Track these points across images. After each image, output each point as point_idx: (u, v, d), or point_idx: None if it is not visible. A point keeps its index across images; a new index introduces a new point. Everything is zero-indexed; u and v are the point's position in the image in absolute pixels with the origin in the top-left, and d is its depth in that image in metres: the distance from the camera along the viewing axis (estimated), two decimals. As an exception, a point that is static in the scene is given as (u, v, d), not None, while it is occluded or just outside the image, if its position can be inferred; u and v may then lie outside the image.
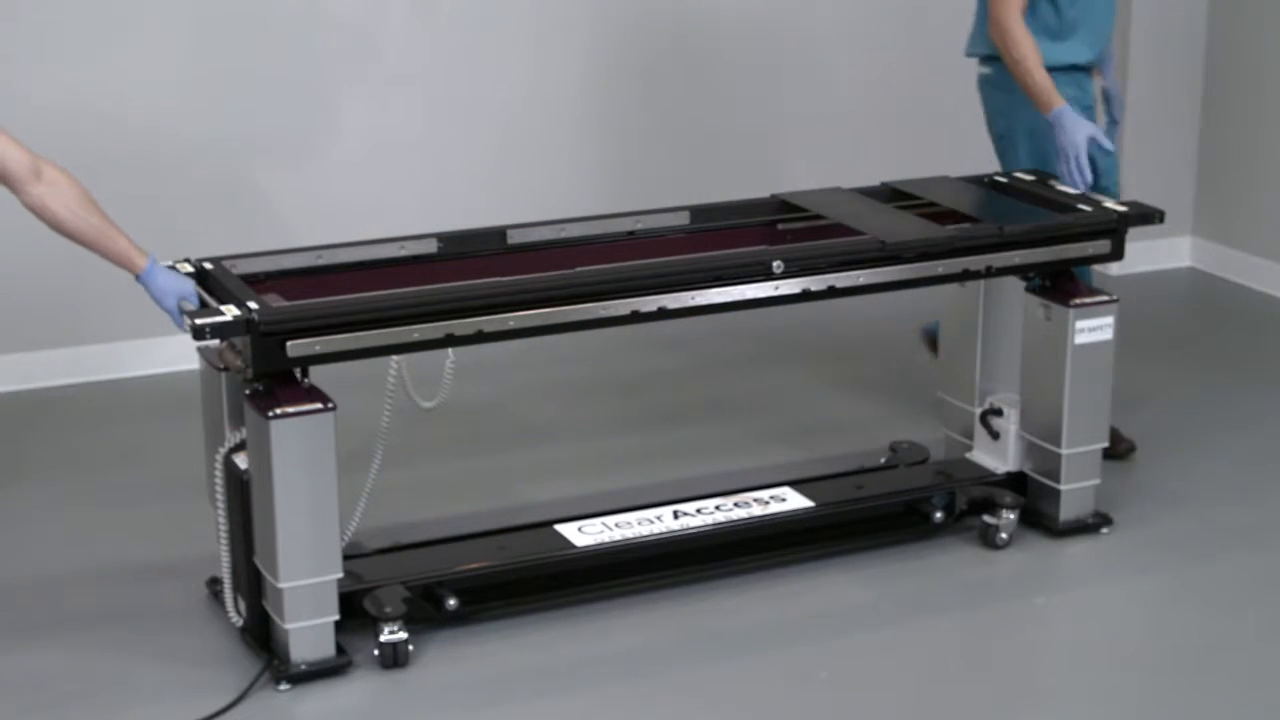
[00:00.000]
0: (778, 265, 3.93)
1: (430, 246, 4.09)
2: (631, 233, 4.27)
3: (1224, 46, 6.34)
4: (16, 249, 4.97)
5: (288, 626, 3.65)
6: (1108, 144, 4.49)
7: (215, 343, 3.61)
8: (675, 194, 4.92)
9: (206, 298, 3.66)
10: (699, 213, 4.37)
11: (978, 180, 4.58)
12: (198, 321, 3.51)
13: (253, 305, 3.55)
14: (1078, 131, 4.41)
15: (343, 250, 4.04)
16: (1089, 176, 4.45)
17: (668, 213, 4.35)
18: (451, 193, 5.69)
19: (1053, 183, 4.47)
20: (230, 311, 3.53)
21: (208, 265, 3.84)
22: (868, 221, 4.19)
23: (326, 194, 5.58)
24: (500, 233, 4.17)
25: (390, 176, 5.67)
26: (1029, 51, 4.44)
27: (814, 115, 6.15)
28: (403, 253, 4.06)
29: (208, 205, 5.45)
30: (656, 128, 6.00)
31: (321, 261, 4.01)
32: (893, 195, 4.49)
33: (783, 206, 4.44)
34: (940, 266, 4.11)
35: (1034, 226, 4.18)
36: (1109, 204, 4.30)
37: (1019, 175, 4.55)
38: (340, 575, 3.68)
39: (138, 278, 3.66)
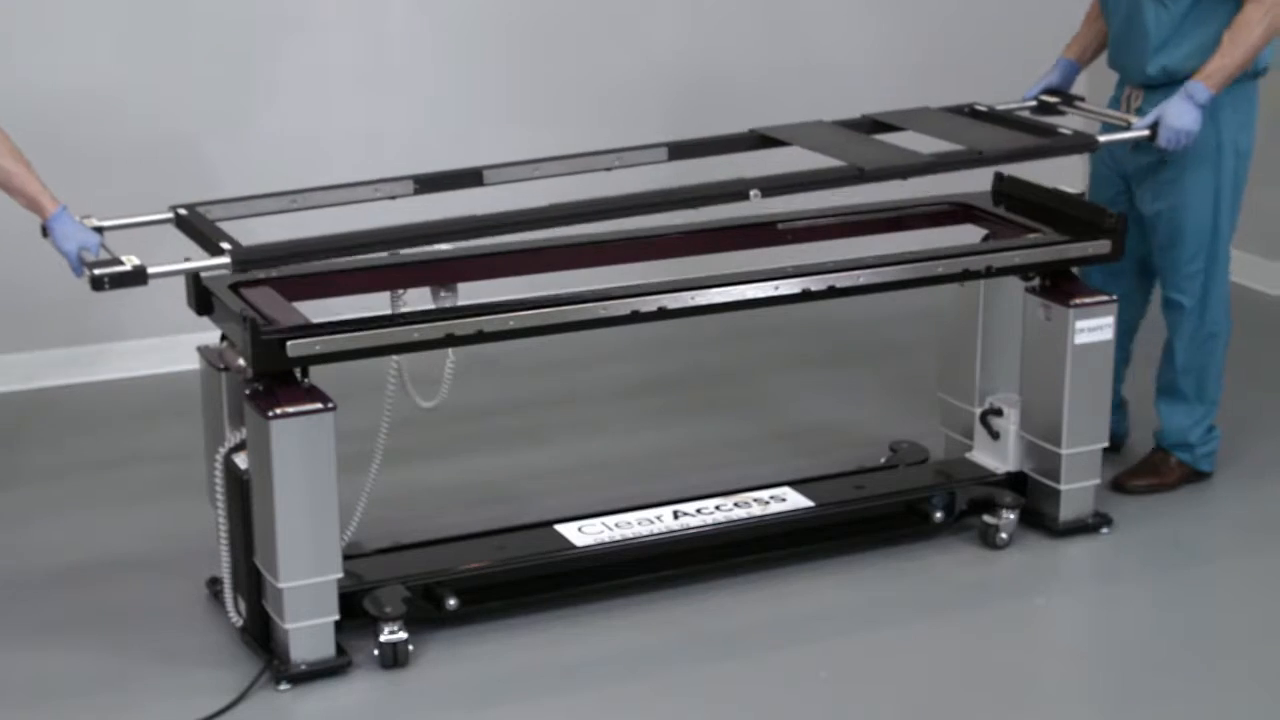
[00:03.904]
0: (755, 193, 3.89)
1: (407, 188, 4.09)
2: (609, 169, 4.26)
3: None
4: (17, 249, 4.97)
5: (288, 626, 3.64)
6: None
7: (216, 342, 3.61)
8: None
9: (110, 251, 3.63)
10: (676, 149, 4.35)
11: (958, 110, 4.58)
12: (96, 272, 3.51)
13: (225, 245, 3.58)
14: None
15: (318, 195, 4.05)
16: None
17: (645, 149, 4.33)
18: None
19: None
20: (130, 261, 3.53)
21: (183, 210, 3.83)
22: (847, 151, 4.17)
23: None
24: (476, 173, 4.17)
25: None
26: None
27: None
28: (379, 195, 4.06)
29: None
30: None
31: (296, 205, 4.02)
32: (873, 126, 4.48)
33: (761, 140, 4.40)
34: (940, 266, 4.12)
35: (1014, 148, 4.17)
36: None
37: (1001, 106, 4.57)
38: (340, 575, 3.68)
39: (45, 224, 3.67)
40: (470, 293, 3.98)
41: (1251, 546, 4.34)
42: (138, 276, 3.52)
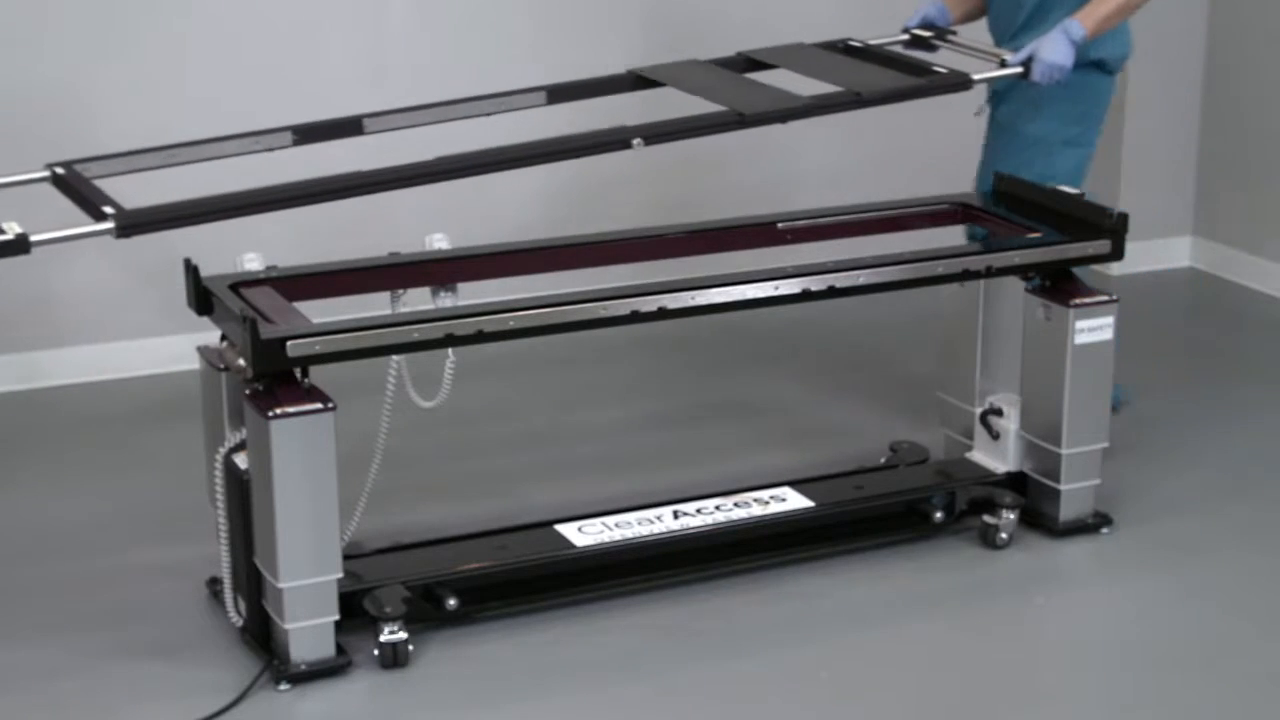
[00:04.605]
0: (637, 142, 3.86)
1: (285, 140, 4.05)
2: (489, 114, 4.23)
3: (1224, 46, 6.34)
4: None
5: (288, 626, 3.64)
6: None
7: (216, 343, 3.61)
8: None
9: None
10: (555, 92, 4.33)
11: (832, 45, 4.58)
12: None
13: (108, 210, 3.50)
14: None
15: (197, 149, 3.95)
16: None
17: (524, 94, 4.31)
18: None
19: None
20: (11, 229, 3.42)
21: (59, 169, 3.74)
22: (726, 94, 4.15)
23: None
24: (356, 122, 4.14)
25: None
26: None
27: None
28: (259, 148, 3.99)
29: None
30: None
31: (179, 160, 3.93)
32: (748, 65, 4.47)
33: (637, 81, 4.38)
34: (940, 266, 4.12)
35: (891, 89, 4.17)
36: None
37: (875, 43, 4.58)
38: (340, 575, 3.68)
39: None
40: (470, 293, 3.98)
41: (1251, 546, 4.34)
42: (19, 245, 3.37)
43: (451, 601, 3.83)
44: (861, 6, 5.49)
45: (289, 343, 3.54)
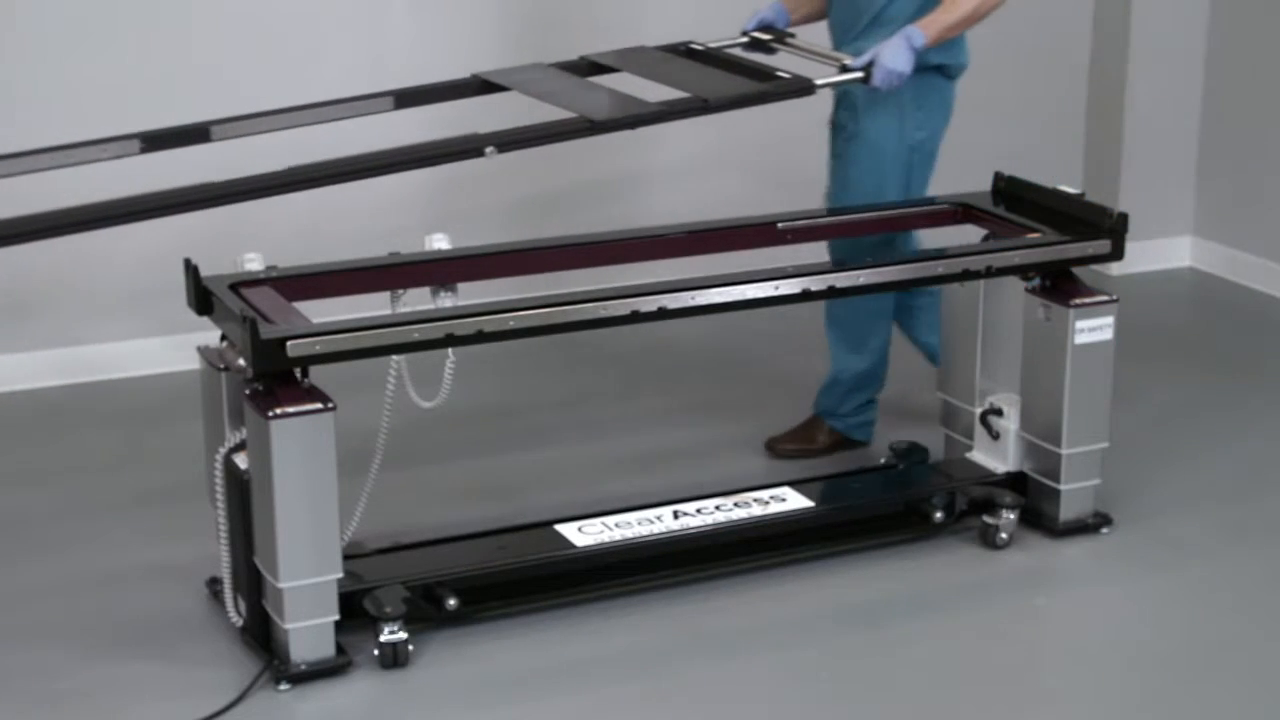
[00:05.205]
0: (490, 150, 3.84)
1: (133, 148, 4.00)
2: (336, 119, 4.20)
3: (1224, 46, 6.34)
4: (16, 249, 4.96)
5: (288, 626, 3.64)
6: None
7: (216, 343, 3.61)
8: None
9: None
10: (402, 97, 4.32)
11: (674, 49, 4.58)
12: None
13: None
14: None
15: (43, 157, 3.86)
16: None
17: (372, 99, 4.29)
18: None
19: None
20: None
21: None
22: (575, 99, 4.14)
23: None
24: (203, 129, 4.12)
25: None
26: None
27: None
28: (106, 155, 3.96)
29: None
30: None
31: (18, 170, 3.85)
32: (591, 68, 4.47)
33: (483, 85, 4.37)
34: (940, 266, 4.12)
35: (737, 95, 4.16)
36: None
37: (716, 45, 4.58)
38: (340, 575, 3.68)
39: None
40: (470, 293, 3.98)
41: (1252, 546, 4.34)
42: None
43: (451, 601, 3.83)
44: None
45: (289, 343, 3.54)
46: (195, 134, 4.10)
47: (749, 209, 4.76)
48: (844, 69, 4.33)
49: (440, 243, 4.00)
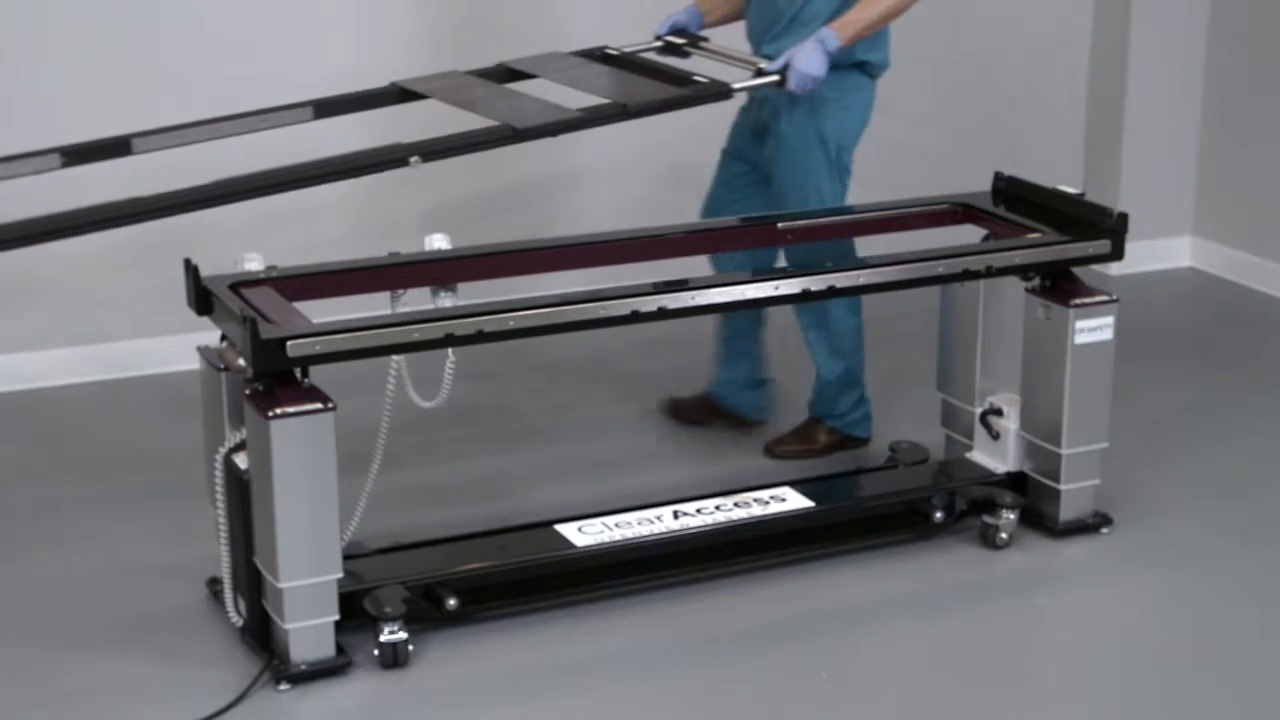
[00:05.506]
0: (415, 160, 3.82)
1: (54, 162, 3.96)
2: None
3: (1224, 47, 6.34)
4: (16, 249, 4.96)
5: (288, 626, 3.64)
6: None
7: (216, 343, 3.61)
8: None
9: None
10: (321, 107, 4.30)
11: (589, 54, 4.59)
12: None
13: None
14: None
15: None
16: None
17: (290, 109, 4.27)
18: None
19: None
20: None
21: None
22: (495, 107, 4.14)
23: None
24: (124, 142, 4.09)
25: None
26: None
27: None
28: (27, 170, 3.90)
29: None
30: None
31: None
32: (508, 75, 4.47)
33: (401, 94, 4.35)
34: (940, 266, 4.12)
35: (656, 100, 4.16)
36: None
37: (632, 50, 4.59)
38: (340, 575, 3.68)
39: None
40: (470, 293, 3.98)
41: (1252, 546, 4.34)
42: None
43: (451, 601, 3.83)
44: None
45: (289, 343, 3.54)
46: (116, 148, 4.06)
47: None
48: (759, 72, 4.33)
49: (440, 243, 4.00)
